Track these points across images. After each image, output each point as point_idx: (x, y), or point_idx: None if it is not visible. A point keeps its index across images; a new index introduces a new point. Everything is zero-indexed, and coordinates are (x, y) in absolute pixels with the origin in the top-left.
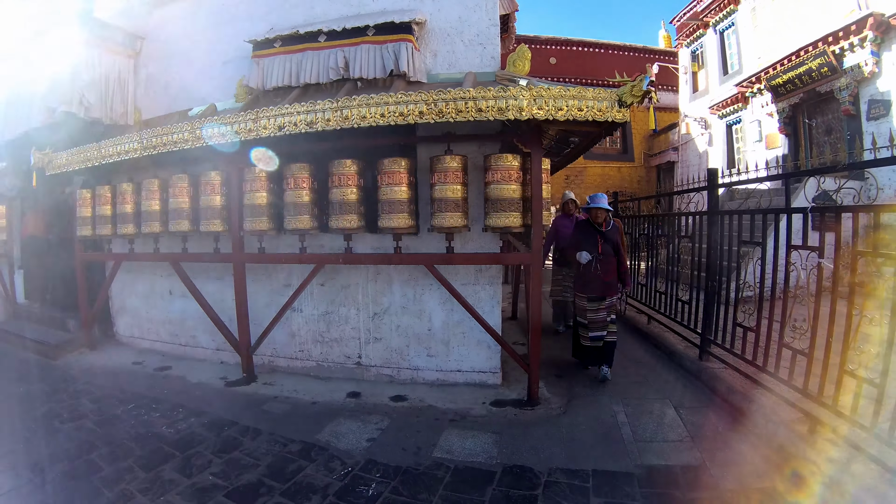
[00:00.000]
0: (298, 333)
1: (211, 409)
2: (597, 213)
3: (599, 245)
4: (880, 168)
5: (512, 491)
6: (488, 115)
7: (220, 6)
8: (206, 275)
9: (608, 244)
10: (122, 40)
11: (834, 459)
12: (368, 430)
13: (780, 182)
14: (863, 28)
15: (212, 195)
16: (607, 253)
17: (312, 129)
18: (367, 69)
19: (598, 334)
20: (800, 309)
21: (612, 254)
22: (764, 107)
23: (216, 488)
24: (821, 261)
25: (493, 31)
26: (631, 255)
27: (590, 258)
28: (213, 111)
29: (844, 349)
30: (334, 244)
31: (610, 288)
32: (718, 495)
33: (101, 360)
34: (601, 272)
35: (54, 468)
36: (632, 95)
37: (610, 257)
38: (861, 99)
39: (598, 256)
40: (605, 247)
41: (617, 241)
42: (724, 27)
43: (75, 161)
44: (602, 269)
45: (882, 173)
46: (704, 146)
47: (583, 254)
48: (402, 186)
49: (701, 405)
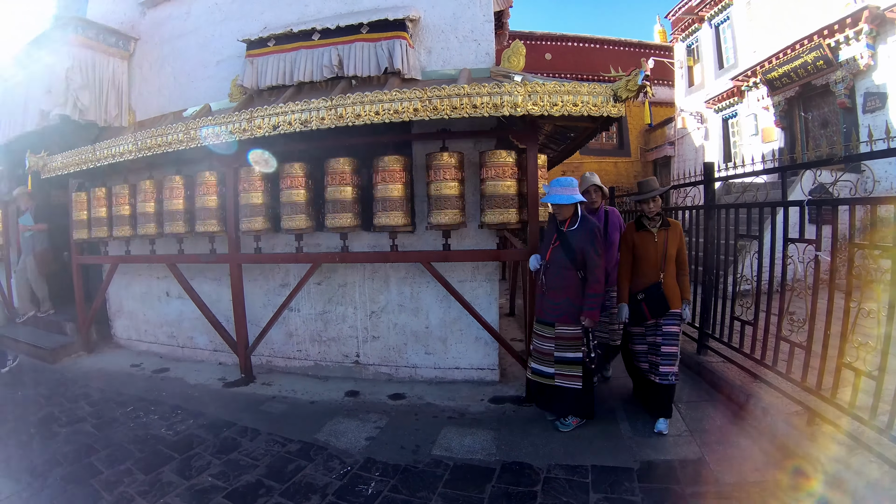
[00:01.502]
0: (296, 333)
1: (209, 411)
2: (558, 208)
3: (550, 250)
4: (876, 160)
5: (511, 487)
6: (483, 111)
7: (213, 6)
8: (202, 276)
9: (563, 251)
10: (115, 42)
11: (833, 452)
12: (367, 428)
13: (777, 175)
14: (858, 21)
15: (207, 196)
16: (558, 263)
17: (307, 128)
18: (361, 67)
19: (540, 368)
20: (797, 302)
21: (569, 265)
22: (760, 100)
23: (215, 489)
24: (818, 254)
25: (487, 28)
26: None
27: (537, 266)
28: (207, 111)
29: (842, 342)
30: (331, 243)
31: (560, 312)
32: (718, 489)
33: (98, 363)
34: (546, 287)
35: (53, 472)
36: (627, 90)
37: (564, 269)
38: (857, 92)
39: (546, 265)
40: (556, 253)
41: (585, 249)
42: (720, 21)
43: (70, 164)
44: (547, 282)
45: (878, 166)
46: (700, 140)
47: (532, 258)
48: (398, 184)
49: (699, 399)
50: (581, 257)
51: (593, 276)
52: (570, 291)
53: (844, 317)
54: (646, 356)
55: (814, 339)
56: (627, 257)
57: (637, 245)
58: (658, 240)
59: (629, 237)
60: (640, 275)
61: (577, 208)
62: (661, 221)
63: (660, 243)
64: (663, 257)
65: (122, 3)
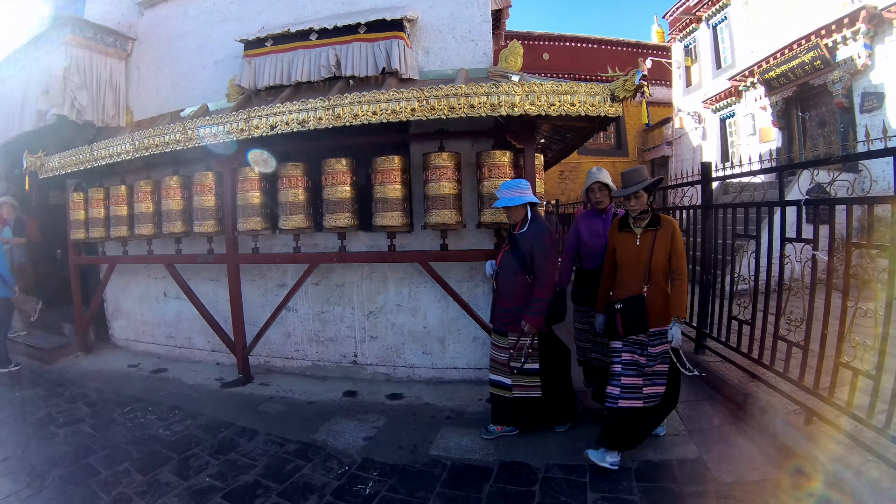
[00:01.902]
0: (294, 333)
1: (207, 411)
2: (509, 211)
3: (501, 254)
4: (874, 160)
5: (509, 487)
6: (480, 111)
7: (211, 6)
8: (200, 276)
9: (513, 254)
10: (112, 42)
11: (831, 451)
12: (365, 428)
13: (774, 175)
14: (855, 21)
15: (205, 196)
16: (508, 267)
17: (305, 128)
18: (358, 67)
19: (497, 378)
20: (795, 302)
21: (518, 270)
22: (757, 100)
23: (213, 490)
24: (815, 253)
25: (484, 28)
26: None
27: (491, 272)
28: (204, 111)
29: (840, 341)
30: (328, 243)
31: (510, 320)
32: (716, 489)
33: (96, 363)
34: (499, 293)
35: (51, 473)
36: (624, 90)
37: (514, 274)
38: (854, 91)
39: (497, 270)
40: (506, 258)
41: (533, 252)
42: (717, 21)
43: (68, 164)
44: (499, 289)
45: (876, 165)
46: (698, 140)
47: (487, 263)
48: (396, 184)
49: (697, 399)
50: (530, 261)
51: (540, 281)
52: (520, 298)
53: (842, 316)
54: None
55: (811, 339)
56: (609, 261)
57: (617, 249)
58: (641, 243)
59: (612, 239)
60: (620, 283)
61: (528, 210)
62: (649, 220)
63: (643, 247)
64: (647, 265)
65: (120, 3)
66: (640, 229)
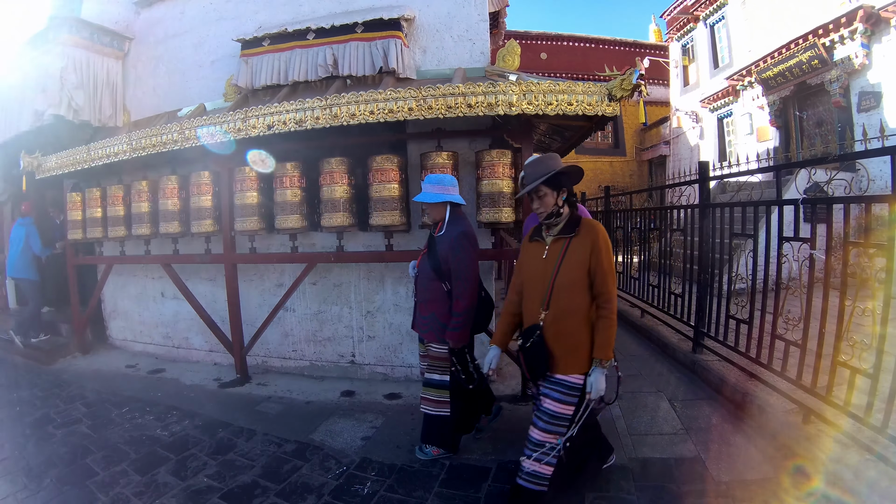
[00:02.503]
0: (291, 333)
1: (205, 411)
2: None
3: (420, 257)
4: (871, 159)
5: (508, 486)
6: (478, 110)
7: (208, 6)
8: (197, 276)
9: (429, 258)
10: (109, 41)
11: (829, 450)
12: (363, 428)
13: (772, 174)
14: (853, 20)
15: (202, 196)
16: (424, 272)
17: (302, 128)
18: (356, 66)
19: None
20: (793, 301)
21: (433, 276)
22: (755, 100)
23: (211, 490)
24: (813, 252)
25: (482, 27)
26: (624, 249)
27: (413, 273)
28: (202, 111)
29: (838, 340)
30: (326, 243)
31: (427, 328)
32: (714, 487)
33: (94, 364)
34: (416, 299)
35: (49, 473)
36: (621, 89)
37: (429, 280)
38: (851, 91)
39: (416, 274)
40: (423, 262)
41: (447, 257)
42: (715, 21)
43: (65, 164)
44: (416, 294)
45: (873, 164)
46: (696, 139)
47: (410, 264)
48: (393, 184)
49: (695, 398)
50: (446, 267)
51: (457, 292)
52: (435, 305)
53: (840, 315)
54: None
55: (809, 338)
56: (516, 280)
57: (522, 262)
58: (549, 255)
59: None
60: (525, 310)
61: (447, 209)
62: (564, 225)
63: (549, 261)
64: (551, 284)
65: (117, 3)
66: (550, 237)
